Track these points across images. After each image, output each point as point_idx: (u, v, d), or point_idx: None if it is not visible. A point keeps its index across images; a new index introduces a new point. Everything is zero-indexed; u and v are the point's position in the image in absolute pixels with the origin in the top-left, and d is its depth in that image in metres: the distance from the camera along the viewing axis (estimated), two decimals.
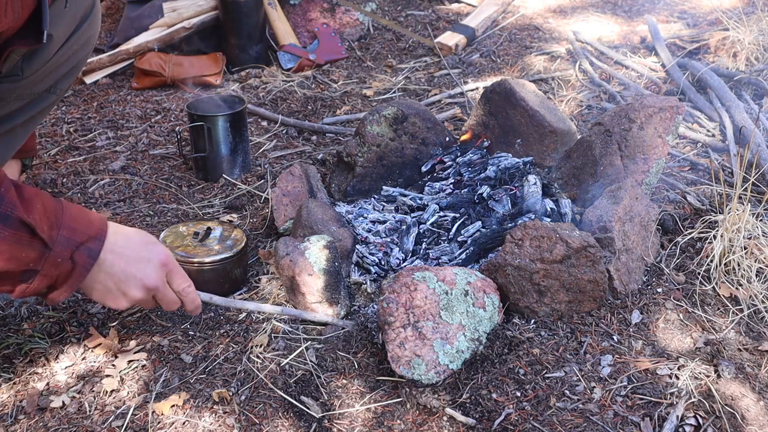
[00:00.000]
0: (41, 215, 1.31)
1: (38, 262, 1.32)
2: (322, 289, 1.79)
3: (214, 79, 3.32)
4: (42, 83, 1.86)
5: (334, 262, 1.82)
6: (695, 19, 3.74)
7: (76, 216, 1.37)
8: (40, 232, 1.30)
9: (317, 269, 1.79)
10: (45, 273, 1.34)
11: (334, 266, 1.81)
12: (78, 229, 1.36)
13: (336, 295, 1.80)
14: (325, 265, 1.80)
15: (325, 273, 1.79)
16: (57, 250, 1.33)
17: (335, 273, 1.81)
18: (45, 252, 1.32)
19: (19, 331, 1.80)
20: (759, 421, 1.49)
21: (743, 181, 2.05)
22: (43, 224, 1.31)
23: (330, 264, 1.81)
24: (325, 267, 1.80)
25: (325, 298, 1.79)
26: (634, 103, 2.18)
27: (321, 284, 1.78)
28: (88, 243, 1.37)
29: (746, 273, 1.85)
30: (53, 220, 1.33)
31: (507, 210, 2.07)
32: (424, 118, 2.39)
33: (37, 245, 1.31)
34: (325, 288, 1.79)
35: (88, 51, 1.97)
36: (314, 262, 1.80)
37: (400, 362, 1.59)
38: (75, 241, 1.35)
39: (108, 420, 1.56)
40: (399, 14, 4.03)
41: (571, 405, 1.54)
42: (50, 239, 1.32)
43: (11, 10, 1.37)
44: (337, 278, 1.81)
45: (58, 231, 1.33)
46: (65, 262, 1.35)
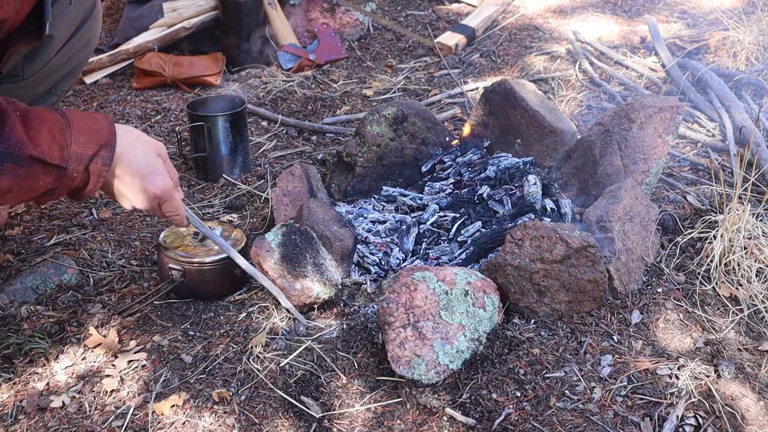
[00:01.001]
0: (50, 142, 1.37)
1: (56, 182, 1.40)
2: (280, 261, 1.81)
3: (214, 79, 3.32)
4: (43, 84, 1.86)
5: (292, 236, 1.84)
6: (695, 19, 3.74)
7: (83, 127, 1.42)
8: (51, 160, 1.36)
9: (273, 245, 1.83)
10: (64, 186, 1.42)
11: (292, 240, 1.84)
12: (87, 142, 1.42)
13: (300, 269, 1.81)
14: (281, 239, 1.83)
15: (281, 245, 1.82)
16: (71, 168, 1.40)
17: (294, 246, 1.83)
18: (60, 172, 1.39)
19: (19, 331, 1.80)
20: (759, 421, 1.49)
21: (743, 181, 2.05)
22: (53, 150, 1.37)
23: (286, 238, 1.84)
24: (281, 240, 1.83)
25: (286, 271, 1.80)
26: (634, 103, 2.18)
27: (277, 256, 1.81)
28: (101, 151, 1.43)
29: (746, 273, 1.85)
30: (62, 141, 1.38)
31: (507, 210, 2.07)
32: (424, 118, 2.39)
33: (52, 170, 1.38)
34: (282, 259, 1.81)
35: (88, 52, 1.97)
36: (271, 240, 1.84)
37: (400, 362, 1.59)
38: (87, 154, 1.41)
39: (108, 420, 1.56)
40: (399, 14, 4.03)
41: (571, 405, 1.54)
42: (62, 160, 1.38)
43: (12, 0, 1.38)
44: (297, 251, 1.83)
45: (69, 150, 1.39)
46: (81, 174, 1.42)
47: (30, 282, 1.93)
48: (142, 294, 1.93)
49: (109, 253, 2.12)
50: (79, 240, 2.16)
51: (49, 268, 1.98)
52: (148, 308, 1.88)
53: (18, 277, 1.94)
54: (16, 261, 2.06)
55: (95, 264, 2.07)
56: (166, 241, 1.92)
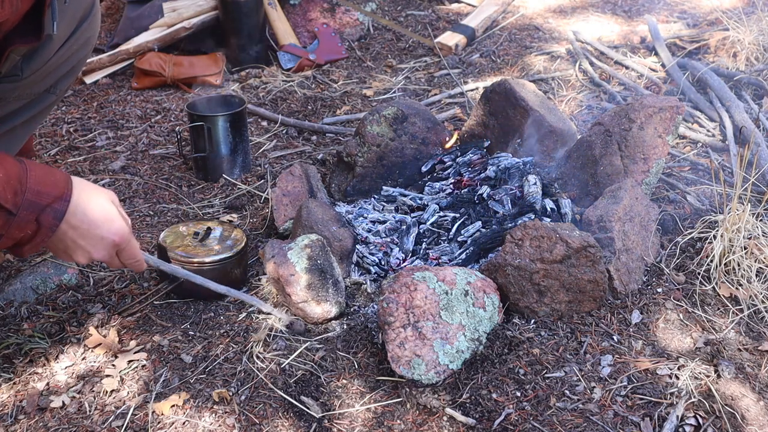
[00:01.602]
0: (4, 184, 1.33)
1: (2, 228, 1.36)
2: (306, 288, 1.78)
3: (214, 79, 3.32)
4: (42, 83, 1.86)
5: (317, 260, 1.81)
6: (695, 19, 3.74)
7: (40, 178, 1.39)
8: (4, 203, 1.33)
9: (299, 269, 1.79)
10: (10, 235, 1.37)
11: (317, 264, 1.81)
12: (43, 192, 1.38)
13: (323, 293, 1.80)
14: (307, 264, 1.80)
15: (307, 272, 1.79)
16: (22, 215, 1.36)
17: (319, 271, 1.80)
18: (9, 218, 1.35)
19: (19, 331, 1.80)
20: (759, 421, 1.49)
21: (743, 181, 2.05)
22: (7, 193, 1.33)
23: (312, 263, 1.80)
24: (306, 266, 1.79)
25: (310, 297, 1.78)
26: (634, 103, 2.18)
27: (304, 283, 1.78)
28: (54, 204, 1.40)
29: (746, 273, 1.85)
30: (17, 186, 1.35)
31: (507, 210, 2.07)
32: (424, 118, 2.39)
33: (2, 214, 1.34)
34: (308, 287, 1.78)
35: (87, 51, 1.97)
36: (296, 262, 1.80)
37: (400, 362, 1.59)
38: (40, 204, 1.37)
39: (108, 420, 1.56)
40: (399, 14, 4.03)
41: (571, 405, 1.54)
42: (14, 206, 1.34)
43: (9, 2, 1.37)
44: (322, 276, 1.80)
45: (22, 196, 1.35)
46: (30, 224, 1.38)
47: (30, 282, 1.93)
48: (142, 294, 1.93)
49: None
50: None
51: (49, 268, 1.98)
52: (148, 308, 1.88)
53: (18, 277, 1.94)
54: (16, 261, 2.06)
55: (95, 264, 2.07)
56: (166, 241, 1.92)
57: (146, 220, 2.31)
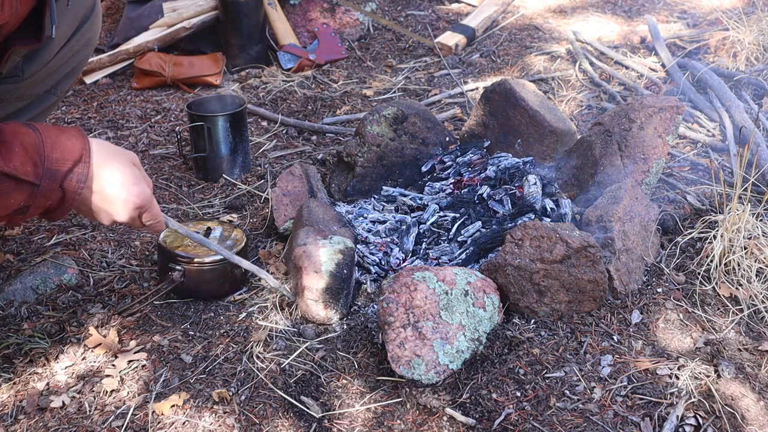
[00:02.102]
0: (23, 158, 1.33)
1: (29, 199, 1.36)
2: (323, 291, 1.78)
3: (214, 79, 3.32)
4: (42, 84, 1.86)
5: (344, 269, 1.80)
6: (695, 19, 3.74)
7: (57, 143, 1.38)
8: (25, 176, 1.32)
9: (324, 270, 1.78)
10: (38, 204, 1.38)
11: (342, 273, 1.80)
12: (62, 158, 1.38)
13: (333, 301, 1.79)
14: (334, 269, 1.79)
15: (330, 276, 1.78)
16: (45, 185, 1.36)
17: (341, 280, 1.79)
18: (34, 189, 1.35)
19: (19, 331, 1.80)
20: (759, 421, 1.49)
21: (743, 181, 2.05)
22: (26, 166, 1.33)
23: (338, 270, 1.79)
24: (332, 270, 1.79)
25: (322, 299, 1.78)
26: (634, 103, 2.18)
27: (323, 285, 1.78)
28: (75, 167, 1.39)
29: (746, 273, 1.85)
30: (36, 157, 1.34)
31: (507, 210, 2.07)
32: (424, 118, 2.39)
33: (25, 187, 1.34)
34: (326, 290, 1.78)
35: (88, 52, 1.97)
36: (324, 262, 1.79)
37: (400, 362, 1.59)
38: (61, 171, 1.37)
39: (108, 420, 1.56)
40: (399, 14, 4.03)
41: (571, 405, 1.54)
42: (36, 177, 1.34)
43: (8, 5, 1.37)
44: (341, 285, 1.79)
45: (42, 166, 1.35)
46: (56, 191, 1.38)
47: (30, 282, 1.93)
48: (142, 294, 1.93)
49: (109, 253, 2.12)
50: (79, 240, 2.16)
51: (49, 268, 1.98)
52: (148, 308, 1.88)
53: (18, 277, 1.94)
54: (16, 261, 2.06)
55: (95, 264, 2.07)
56: (166, 241, 1.92)
57: None
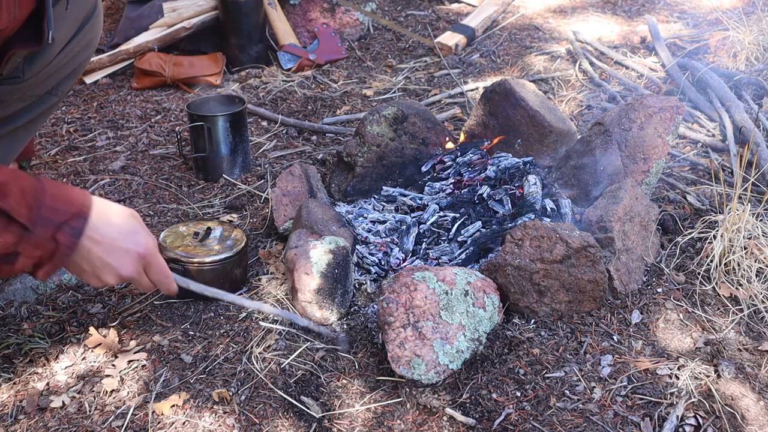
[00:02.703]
0: (18, 199, 1.29)
1: (18, 245, 1.31)
2: (315, 291, 1.78)
3: (214, 79, 3.32)
4: (43, 85, 1.86)
5: (335, 269, 1.80)
6: (695, 19, 3.74)
7: (57, 194, 1.35)
8: (18, 217, 1.28)
9: (315, 270, 1.79)
10: (27, 254, 1.33)
11: (334, 273, 1.80)
12: (59, 209, 1.34)
13: (328, 301, 1.79)
14: (325, 268, 1.79)
15: (322, 276, 1.78)
16: (38, 232, 1.31)
17: (333, 279, 1.79)
18: (25, 235, 1.30)
19: (19, 331, 1.80)
20: (759, 421, 1.49)
21: (743, 181, 2.05)
22: (21, 208, 1.28)
23: (329, 269, 1.80)
24: (323, 270, 1.79)
25: (315, 300, 1.78)
26: (634, 103, 2.18)
27: (315, 286, 1.78)
28: (71, 221, 1.35)
29: (746, 273, 1.85)
30: (32, 202, 1.30)
31: (507, 210, 2.07)
32: (424, 118, 2.39)
33: (16, 229, 1.29)
34: (318, 291, 1.78)
35: (90, 53, 1.97)
36: (315, 263, 1.79)
37: (400, 362, 1.59)
38: (56, 221, 1.33)
39: (108, 420, 1.56)
40: (399, 14, 4.03)
41: (571, 405, 1.54)
42: (30, 221, 1.30)
43: (6, 11, 1.36)
44: (333, 285, 1.80)
45: (38, 212, 1.30)
46: (48, 242, 1.33)
47: (30, 282, 1.93)
48: (142, 294, 1.93)
49: None
50: None
51: None
52: (148, 308, 1.88)
53: (18, 277, 1.94)
54: None
55: None
56: (166, 241, 1.92)
57: (146, 220, 2.31)
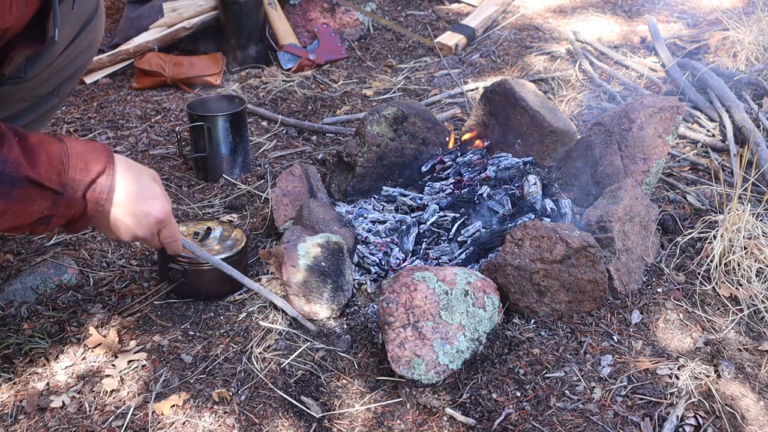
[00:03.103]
0: (48, 166, 1.34)
1: (52, 208, 1.37)
2: (300, 284, 1.79)
3: (214, 79, 3.32)
4: (45, 85, 1.86)
5: (322, 262, 1.81)
6: (695, 19, 3.74)
7: (81, 154, 1.40)
8: (49, 184, 1.34)
9: (301, 263, 1.79)
10: (60, 214, 1.39)
11: (320, 266, 1.80)
12: (85, 168, 1.39)
13: (316, 295, 1.80)
14: (311, 262, 1.80)
15: (307, 269, 1.79)
16: (68, 194, 1.37)
17: (319, 273, 1.80)
18: (57, 198, 1.37)
19: (19, 331, 1.80)
20: (759, 421, 1.49)
21: (743, 181, 2.05)
22: (51, 175, 1.34)
23: (316, 263, 1.80)
24: (309, 264, 1.79)
25: (302, 293, 1.79)
26: (634, 103, 2.18)
27: (300, 278, 1.78)
28: (98, 178, 1.41)
29: (746, 273, 1.85)
30: (60, 166, 1.36)
31: (507, 210, 2.07)
32: (424, 118, 2.39)
33: (48, 195, 1.35)
34: (303, 284, 1.79)
35: (91, 53, 1.97)
36: (301, 256, 1.80)
37: (400, 362, 1.59)
38: (85, 181, 1.39)
39: (108, 420, 1.56)
40: (399, 14, 4.03)
41: (571, 405, 1.54)
42: (60, 185, 1.36)
43: (16, 7, 1.37)
44: (321, 279, 1.80)
45: (66, 175, 1.36)
46: (78, 201, 1.40)
47: (30, 282, 1.93)
48: (142, 294, 1.93)
49: (109, 253, 2.12)
50: (79, 240, 2.16)
51: (49, 268, 1.98)
52: (148, 308, 1.88)
53: (18, 277, 1.94)
54: (16, 261, 2.06)
55: (95, 264, 2.07)
56: None
57: None
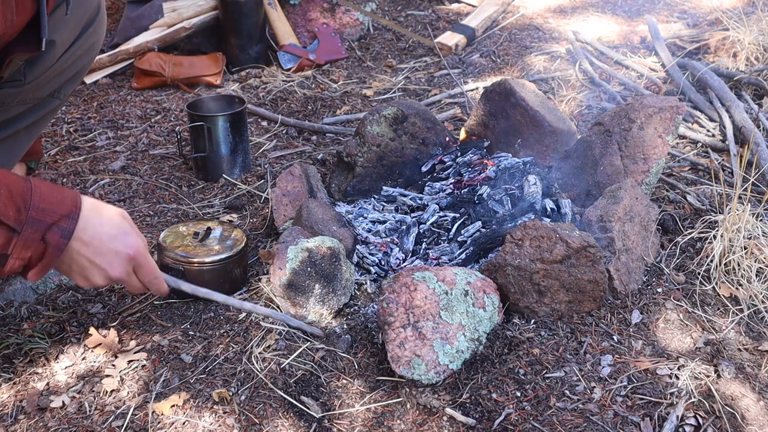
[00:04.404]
0: (6, 200, 1.29)
1: (6, 247, 1.31)
2: (285, 287, 1.79)
3: (214, 79, 3.32)
4: (45, 88, 1.86)
5: (308, 267, 1.79)
6: (695, 19, 3.74)
7: (46, 195, 1.35)
8: (5, 219, 1.29)
9: (288, 267, 1.79)
10: (16, 256, 1.33)
11: (307, 271, 1.79)
12: (48, 209, 1.34)
13: (301, 299, 1.79)
14: (298, 266, 1.79)
15: (294, 273, 1.78)
16: (26, 233, 1.31)
17: (305, 277, 1.79)
18: (13, 236, 1.31)
19: (19, 331, 1.80)
20: (759, 421, 1.49)
21: (743, 181, 2.05)
22: (8, 209, 1.29)
23: (303, 267, 1.79)
24: (296, 267, 1.79)
25: (287, 296, 1.79)
26: (634, 103, 2.18)
27: (284, 281, 1.78)
28: (60, 222, 1.35)
29: (746, 273, 1.85)
30: (20, 203, 1.31)
31: (507, 210, 2.07)
32: (424, 118, 2.39)
33: (3, 231, 1.30)
34: (288, 286, 1.79)
35: (92, 56, 1.96)
36: (290, 258, 1.80)
37: (400, 362, 1.59)
38: (45, 222, 1.33)
39: (108, 420, 1.56)
40: (399, 14, 4.03)
41: (571, 405, 1.54)
42: (17, 223, 1.30)
43: (2, 17, 1.36)
44: (307, 284, 1.79)
45: (26, 213, 1.31)
46: (37, 243, 1.34)
47: (30, 282, 1.93)
48: (142, 294, 1.93)
49: None
50: None
51: None
52: (148, 308, 1.88)
53: (18, 277, 1.94)
54: None
55: None
56: (165, 241, 1.92)
57: (146, 220, 2.31)
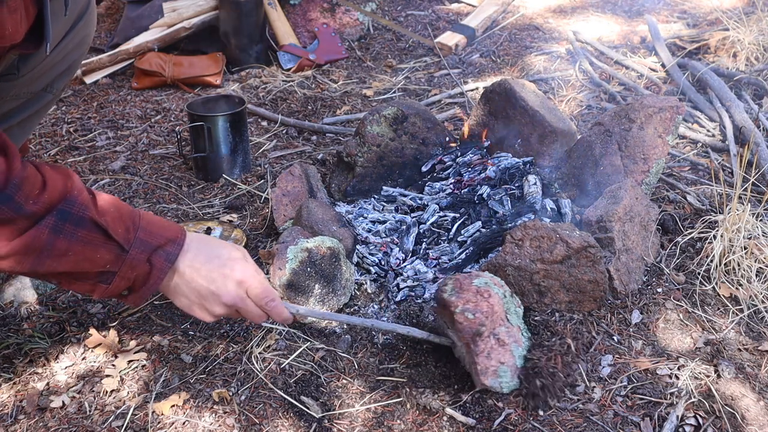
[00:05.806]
0: (116, 219, 1.32)
1: (115, 264, 1.32)
2: (285, 287, 1.79)
3: (214, 79, 3.32)
4: (38, 82, 1.86)
5: (308, 268, 1.79)
6: (695, 19, 3.74)
7: (153, 221, 1.37)
8: (115, 235, 1.31)
9: (287, 267, 1.79)
10: (122, 275, 1.34)
11: (306, 272, 1.79)
12: (155, 233, 1.36)
13: (301, 299, 1.79)
14: (297, 266, 1.79)
15: (293, 273, 1.78)
16: (133, 253, 1.33)
17: (305, 277, 1.79)
18: (121, 254, 1.32)
19: (19, 331, 1.80)
20: (759, 421, 1.49)
21: (743, 181, 2.05)
22: (117, 227, 1.31)
23: (302, 268, 1.79)
24: (295, 268, 1.79)
25: (287, 296, 1.79)
26: (634, 103, 2.18)
27: (284, 281, 1.78)
28: (166, 246, 1.37)
29: (746, 273, 1.86)
30: (129, 223, 1.33)
31: (507, 210, 2.07)
32: (424, 118, 2.39)
33: (113, 247, 1.31)
34: (287, 286, 1.78)
35: (83, 50, 1.97)
36: (290, 259, 1.80)
37: (487, 373, 1.53)
38: (152, 244, 1.35)
39: (108, 420, 1.56)
40: (399, 14, 4.03)
41: (571, 405, 1.54)
42: (126, 242, 1.32)
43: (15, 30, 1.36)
44: (306, 285, 1.79)
45: (134, 234, 1.33)
46: (142, 264, 1.35)
47: (30, 282, 1.93)
48: None
49: None
50: None
51: None
52: (148, 308, 1.88)
53: (18, 277, 1.94)
54: None
55: None
56: None
57: None
